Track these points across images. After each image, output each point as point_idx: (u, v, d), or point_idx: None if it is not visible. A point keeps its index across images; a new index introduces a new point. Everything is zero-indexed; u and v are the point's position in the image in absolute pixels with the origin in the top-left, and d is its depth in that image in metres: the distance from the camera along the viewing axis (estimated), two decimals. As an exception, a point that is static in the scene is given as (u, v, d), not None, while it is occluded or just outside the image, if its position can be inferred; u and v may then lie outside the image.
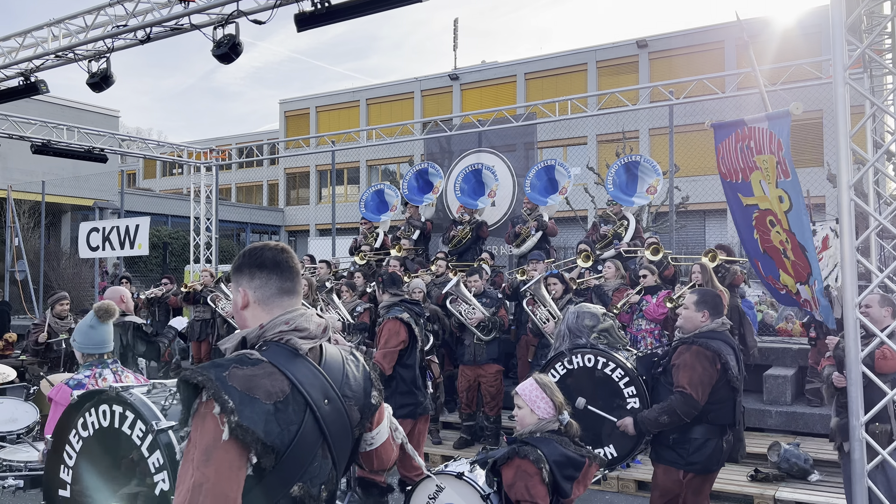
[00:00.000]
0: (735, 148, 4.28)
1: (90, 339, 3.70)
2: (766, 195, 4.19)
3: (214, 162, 14.34)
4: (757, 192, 4.23)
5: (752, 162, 4.10)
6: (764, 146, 3.96)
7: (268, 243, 2.10)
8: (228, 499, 1.72)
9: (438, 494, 3.28)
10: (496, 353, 7.41)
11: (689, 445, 3.88)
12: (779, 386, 7.65)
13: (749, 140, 4.10)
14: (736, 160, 4.30)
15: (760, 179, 4.11)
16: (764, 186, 4.10)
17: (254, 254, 2.05)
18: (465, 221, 10.23)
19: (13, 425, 4.52)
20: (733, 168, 4.38)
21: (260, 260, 2.02)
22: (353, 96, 34.05)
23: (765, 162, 3.98)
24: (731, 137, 4.32)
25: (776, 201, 4.04)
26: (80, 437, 2.34)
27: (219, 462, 1.73)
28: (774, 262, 4.48)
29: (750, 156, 4.11)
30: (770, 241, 4.36)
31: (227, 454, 1.73)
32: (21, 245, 16.31)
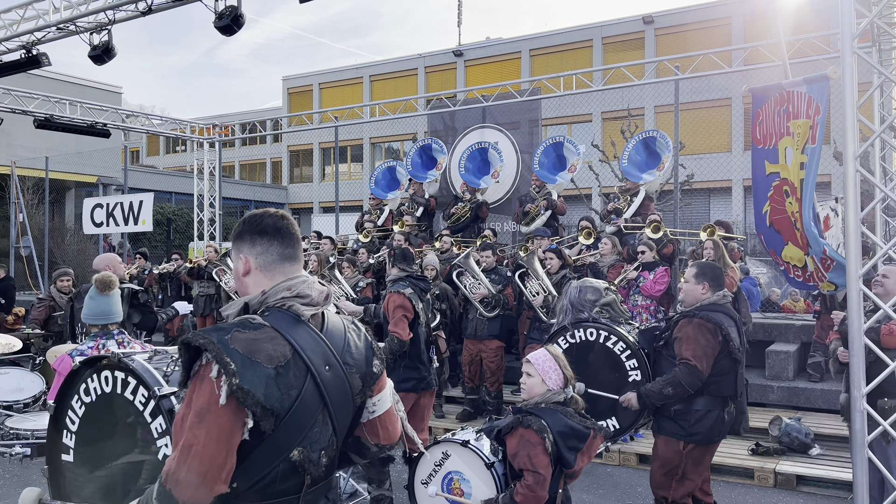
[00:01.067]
0: (773, 112, 4.24)
1: (91, 310, 3.73)
2: (787, 164, 4.16)
3: (218, 138, 14.29)
4: (781, 159, 4.20)
5: (786, 127, 4.07)
6: (801, 110, 3.92)
7: (267, 210, 2.09)
8: (216, 462, 1.74)
9: (444, 462, 3.31)
10: (497, 330, 7.43)
11: (691, 417, 3.90)
12: (781, 361, 7.67)
13: (787, 104, 4.07)
14: (773, 124, 4.27)
15: (787, 146, 4.08)
16: (788, 154, 4.08)
17: (254, 220, 2.04)
18: (466, 200, 10.20)
19: (19, 395, 4.57)
20: (768, 133, 4.34)
21: (261, 226, 2.02)
22: (356, 73, 33.83)
23: (799, 127, 3.94)
24: (769, 102, 4.28)
25: (796, 169, 4.01)
26: (83, 403, 2.35)
27: (210, 425, 1.74)
28: (781, 236, 4.46)
29: (785, 120, 4.07)
30: (784, 212, 4.33)
31: (219, 419, 1.75)
32: (26, 221, 16.33)
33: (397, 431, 2.27)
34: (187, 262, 10.75)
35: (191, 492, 1.72)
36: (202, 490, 1.73)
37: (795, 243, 4.35)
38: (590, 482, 5.95)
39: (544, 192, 9.73)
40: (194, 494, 1.72)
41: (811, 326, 8.15)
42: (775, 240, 4.48)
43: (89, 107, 12.25)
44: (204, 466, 1.72)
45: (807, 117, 3.96)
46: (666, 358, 4.09)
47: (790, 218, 4.29)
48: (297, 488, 1.91)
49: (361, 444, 2.18)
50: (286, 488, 1.88)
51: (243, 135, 15.09)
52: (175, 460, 1.73)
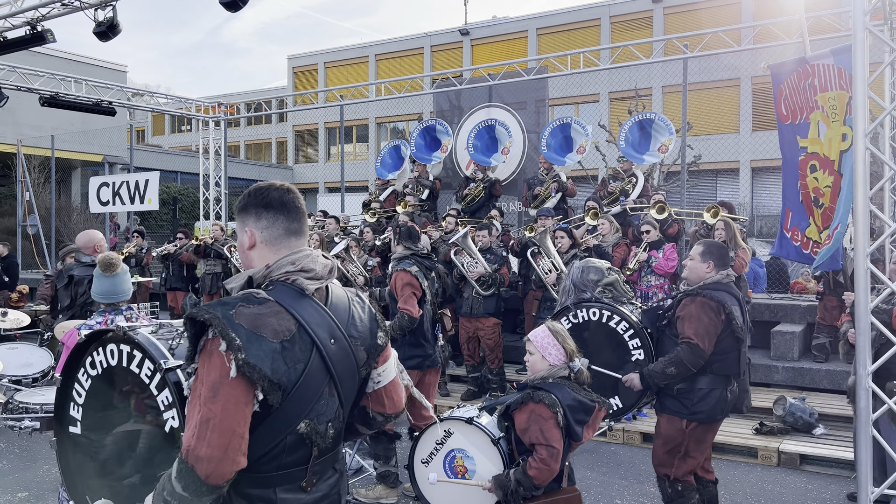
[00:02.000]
0: (798, 87, 4.19)
1: (98, 288, 3.76)
2: (819, 138, 4.12)
3: (223, 116, 14.25)
4: (812, 133, 4.16)
5: (815, 101, 4.02)
6: (831, 83, 3.86)
7: (273, 183, 2.08)
8: (235, 434, 1.75)
9: (447, 439, 3.31)
10: (493, 308, 7.47)
11: (694, 395, 3.90)
12: (786, 342, 7.67)
13: (812, 78, 4.01)
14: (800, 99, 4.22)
15: (819, 120, 4.04)
16: (821, 127, 4.03)
17: (259, 194, 2.03)
18: (479, 179, 10.16)
19: (28, 370, 4.61)
20: (797, 107, 4.29)
21: (266, 200, 2.01)
22: (361, 52, 33.63)
23: (830, 100, 3.89)
24: (793, 76, 4.23)
25: (836, 140, 3.95)
26: (89, 376, 2.36)
27: (225, 398, 1.75)
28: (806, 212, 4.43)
29: (812, 94, 4.02)
30: (806, 188, 4.30)
31: (233, 390, 1.76)
32: (32, 199, 16.38)
33: (402, 401, 2.29)
34: (193, 241, 10.77)
35: (213, 466, 1.72)
36: (224, 464, 1.74)
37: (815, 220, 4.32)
38: (594, 460, 5.99)
39: (553, 174, 9.68)
40: (217, 468, 1.73)
41: (816, 308, 8.13)
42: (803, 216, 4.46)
43: (95, 85, 12.22)
44: (224, 439, 1.73)
45: (840, 89, 3.89)
46: (669, 337, 4.09)
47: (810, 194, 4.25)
48: (305, 460, 1.93)
49: (367, 415, 2.21)
50: (294, 460, 1.90)
51: (248, 114, 15.04)
52: (194, 437, 1.74)
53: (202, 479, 1.73)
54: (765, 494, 5.21)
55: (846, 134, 3.88)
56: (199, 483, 1.73)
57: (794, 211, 4.53)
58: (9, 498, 5.09)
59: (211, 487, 1.75)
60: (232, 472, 1.77)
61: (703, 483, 4.14)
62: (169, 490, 1.78)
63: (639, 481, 5.49)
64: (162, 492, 1.81)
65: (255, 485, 1.87)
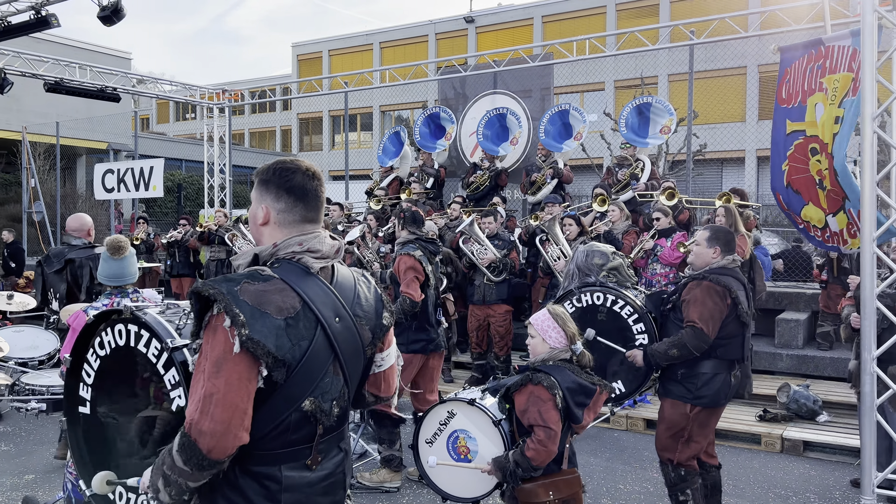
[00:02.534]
0: (804, 69, 4.16)
1: (105, 271, 3.78)
2: (816, 121, 4.09)
3: (227, 103, 14.23)
4: (809, 116, 4.13)
5: (819, 83, 3.99)
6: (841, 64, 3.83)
7: (300, 164, 2.04)
8: (238, 409, 1.76)
9: (450, 420, 3.33)
10: (505, 294, 7.47)
11: (698, 380, 3.91)
12: (791, 330, 7.66)
13: (824, 60, 3.99)
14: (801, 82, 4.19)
15: (818, 103, 4.01)
16: (819, 110, 4.01)
17: (284, 174, 2.00)
18: (485, 168, 10.14)
19: (34, 352, 4.64)
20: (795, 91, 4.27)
21: (290, 184, 1.99)
22: (366, 39, 33.51)
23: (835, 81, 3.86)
24: (802, 59, 4.20)
25: (829, 124, 3.93)
26: (98, 356, 2.38)
27: (229, 374, 1.76)
28: (801, 196, 4.41)
29: (819, 76, 3.99)
30: (806, 171, 4.27)
31: (236, 366, 1.77)
32: (37, 186, 16.41)
33: (396, 384, 2.32)
34: (197, 227, 10.79)
35: (216, 440, 1.74)
36: (226, 438, 1.75)
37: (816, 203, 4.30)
38: (597, 446, 6.00)
39: (550, 161, 9.65)
40: (219, 443, 1.74)
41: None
42: (793, 199, 4.44)
43: (99, 71, 12.21)
44: (227, 414, 1.74)
45: (849, 70, 3.87)
46: (673, 321, 4.08)
47: (813, 178, 4.23)
48: (310, 438, 1.94)
49: (360, 395, 2.22)
50: (299, 437, 1.91)
51: (253, 101, 15.01)
52: (198, 411, 1.75)
53: (204, 453, 1.74)
54: (768, 480, 5.22)
55: (838, 117, 3.87)
56: (201, 457, 1.74)
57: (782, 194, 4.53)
58: (15, 480, 5.14)
59: (212, 462, 1.76)
60: (234, 448, 1.78)
61: (707, 468, 4.15)
62: (169, 464, 1.79)
63: (642, 467, 5.51)
64: (161, 465, 1.82)
65: (261, 462, 1.88)
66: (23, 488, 4.95)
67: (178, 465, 1.77)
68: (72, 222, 5.62)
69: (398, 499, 4.90)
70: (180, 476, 1.78)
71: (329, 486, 2.00)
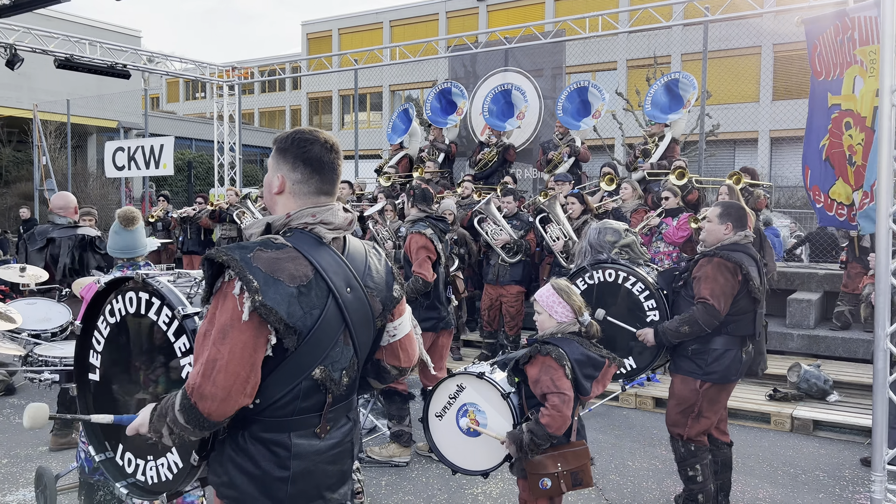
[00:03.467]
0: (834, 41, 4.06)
1: (116, 243, 3.78)
2: (853, 94, 4.01)
3: (237, 80, 14.18)
4: (846, 90, 4.05)
5: (853, 56, 3.90)
6: (871, 36, 3.74)
7: (319, 135, 2.03)
8: (240, 377, 1.78)
9: (459, 394, 3.34)
10: (519, 276, 7.44)
11: (708, 356, 3.89)
12: (802, 310, 7.62)
13: (852, 31, 3.89)
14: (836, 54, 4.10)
15: (856, 75, 3.92)
16: (857, 83, 3.92)
17: (303, 144, 1.99)
18: (493, 144, 10.08)
19: (47, 324, 4.67)
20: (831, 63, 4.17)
21: (307, 154, 1.99)
22: (376, 17, 33.29)
23: (871, 53, 3.77)
24: (829, 31, 4.10)
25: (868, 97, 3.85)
26: (108, 324, 2.38)
27: (234, 341, 1.78)
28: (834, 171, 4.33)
29: (851, 48, 3.90)
30: (840, 146, 4.20)
31: (242, 334, 1.78)
32: (49, 164, 16.48)
33: (416, 354, 2.31)
34: (209, 206, 10.82)
35: (215, 405, 1.76)
36: (226, 403, 1.77)
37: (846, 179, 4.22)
38: (606, 423, 6.01)
39: (567, 139, 9.58)
40: (219, 407, 1.77)
41: (834, 276, 8.06)
42: (827, 175, 4.36)
43: (109, 47, 12.18)
44: (229, 381, 1.76)
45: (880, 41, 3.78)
46: (684, 298, 4.06)
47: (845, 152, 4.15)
48: (319, 406, 1.95)
49: (381, 368, 2.22)
50: (308, 406, 1.93)
51: (263, 78, 14.94)
52: (200, 375, 1.77)
53: (204, 416, 1.78)
54: (777, 459, 5.22)
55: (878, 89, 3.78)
56: (200, 419, 1.78)
57: (813, 169, 4.45)
58: (29, 451, 5.21)
59: (212, 423, 1.80)
60: (234, 410, 1.81)
61: (718, 444, 4.15)
62: (172, 418, 1.83)
63: (650, 444, 5.51)
64: (164, 417, 1.85)
65: (270, 429, 1.90)
66: (36, 459, 5.01)
67: (181, 422, 1.81)
68: (56, 201, 5.63)
69: (407, 473, 4.93)
70: (182, 431, 1.83)
71: (337, 455, 2.02)
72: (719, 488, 4.15)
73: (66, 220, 5.56)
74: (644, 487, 4.70)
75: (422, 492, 4.60)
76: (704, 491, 3.98)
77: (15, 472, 4.81)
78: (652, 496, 4.56)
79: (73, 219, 5.65)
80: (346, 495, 2.09)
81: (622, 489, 4.67)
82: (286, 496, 1.91)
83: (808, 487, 4.71)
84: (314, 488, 1.96)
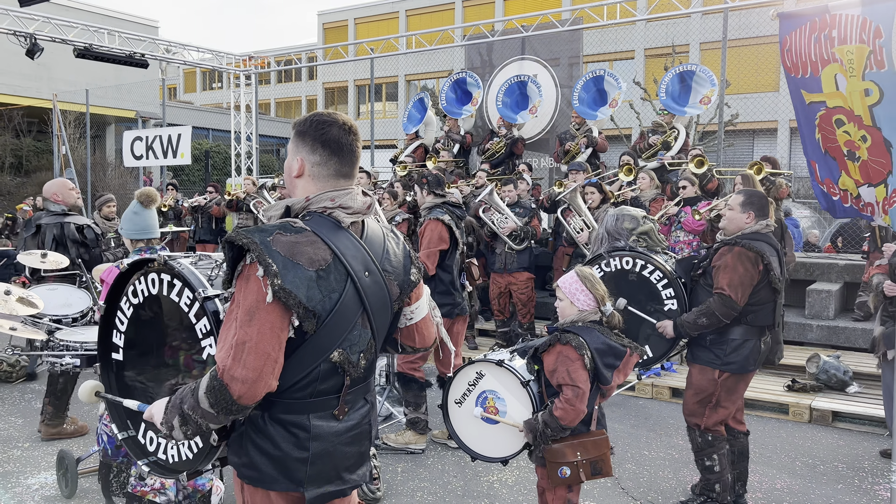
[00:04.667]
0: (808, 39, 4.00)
1: (135, 224, 3.79)
2: (839, 91, 3.94)
3: (254, 70, 14.22)
4: (827, 88, 3.97)
5: (831, 54, 3.83)
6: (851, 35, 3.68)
7: (337, 117, 2.02)
8: (269, 357, 1.79)
9: (478, 381, 3.33)
10: (527, 262, 7.46)
11: (727, 346, 3.86)
12: (822, 301, 7.54)
13: (830, 29, 3.82)
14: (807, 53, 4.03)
15: (836, 73, 3.86)
16: (840, 81, 3.85)
17: (321, 126, 1.99)
18: (502, 135, 10.03)
19: (68, 310, 4.72)
20: (801, 62, 4.11)
21: (325, 137, 1.98)
22: (392, 7, 33.23)
23: (849, 53, 3.71)
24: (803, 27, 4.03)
25: (858, 95, 3.78)
26: (131, 304, 2.41)
27: (261, 322, 1.78)
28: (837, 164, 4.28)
29: (828, 47, 3.83)
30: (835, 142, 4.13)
31: (269, 315, 1.79)
32: (68, 153, 16.64)
33: (433, 335, 2.33)
34: (225, 195, 10.88)
35: (247, 387, 1.77)
36: (257, 385, 1.78)
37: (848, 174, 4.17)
38: (622, 413, 6.00)
39: (584, 129, 9.51)
40: (250, 389, 1.77)
41: (854, 266, 7.97)
42: (832, 166, 4.31)
43: (127, 37, 12.25)
44: (259, 362, 1.77)
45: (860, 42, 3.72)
46: (703, 287, 4.03)
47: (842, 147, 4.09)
48: (338, 388, 1.97)
49: (397, 345, 2.26)
50: (327, 388, 1.94)
51: (279, 68, 14.96)
52: (230, 357, 1.77)
53: (234, 398, 1.77)
54: (795, 449, 5.18)
55: (869, 89, 3.72)
56: (230, 402, 1.77)
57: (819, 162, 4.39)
58: (52, 435, 5.28)
59: (240, 407, 1.79)
60: (262, 395, 1.81)
61: (735, 434, 4.12)
62: (191, 404, 1.81)
63: (667, 434, 5.49)
64: (180, 405, 1.84)
65: (289, 411, 1.92)
66: (58, 443, 5.08)
67: (203, 407, 1.79)
68: (48, 187, 5.62)
69: (423, 460, 4.95)
70: (202, 417, 1.80)
71: (355, 437, 2.04)
72: (736, 478, 4.13)
73: (58, 208, 5.54)
74: (660, 477, 4.69)
75: (437, 478, 4.62)
76: (721, 481, 3.96)
77: (37, 456, 4.89)
78: (668, 485, 4.55)
79: (65, 206, 5.61)
80: (364, 476, 2.11)
81: (638, 478, 4.66)
82: (305, 477, 1.93)
83: (826, 478, 4.68)
84: (333, 469, 1.98)
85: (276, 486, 1.93)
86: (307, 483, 1.93)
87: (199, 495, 3.41)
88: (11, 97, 21.37)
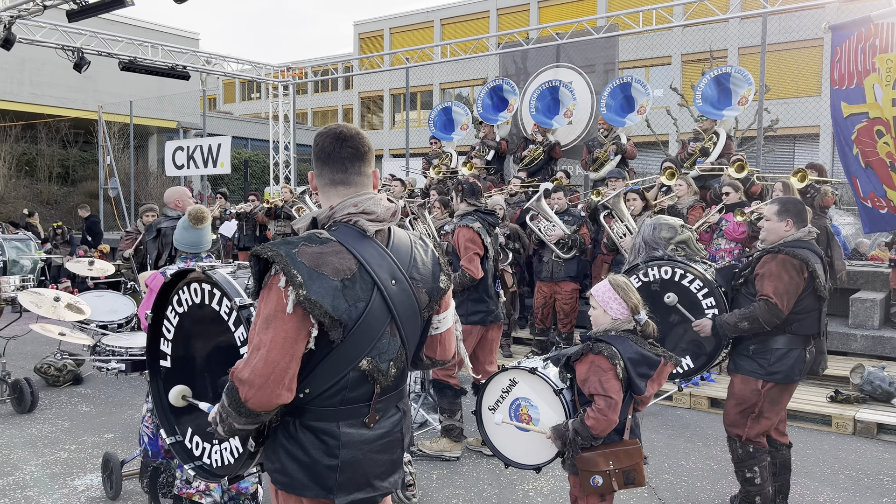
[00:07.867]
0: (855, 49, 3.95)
1: (184, 239, 3.92)
2: (877, 101, 3.88)
3: (291, 80, 14.45)
4: (869, 98, 3.92)
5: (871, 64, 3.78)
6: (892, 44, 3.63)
7: (330, 131, 2.08)
8: (278, 366, 1.82)
9: (512, 388, 3.33)
10: (574, 272, 7.39)
11: (771, 356, 3.79)
12: (866, 310, 7.35)
13: (874, 38, 3.77)
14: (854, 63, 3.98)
15: (875, 83, 3.80)
16: (877, 91, 3.79)
17: (317, 140, 2.10)
18: (538, 142, 10.01)
19: (114, 316, 4.87)
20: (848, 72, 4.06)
21: (317, 149, 2.08)
22: (426, 17, 33.42)
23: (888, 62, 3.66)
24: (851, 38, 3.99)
25: (888, 106, 3.73)
26: (176, 313, 2.48)
27: (276, 331, 1.82)
28: (878, 177, 4.20)
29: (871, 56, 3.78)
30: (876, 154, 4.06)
31: (285, 325, 1.82)
32: (113, 163, 17.11)
33: (453, 349, 2.33)
34: (264, 203, 11.08)
35: (252, 392, 1.81)
36: (264, 392, 1.81)
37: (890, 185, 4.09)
38: (659, 423, 5.92)
39: (613, 136, 9.44)
40: (256, 395, 1.81)
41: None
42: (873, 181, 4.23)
43: (170, 50, 12.57)
44: (267, 369, 1.81)
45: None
46: (745, 296, 3.96)
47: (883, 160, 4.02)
48: (368, 397, 1.99)
49: (417, 358, 2.25)
50: (357, 396, 1.97)
51: (316, 78, 15.17)
52: (244, 360, 1.85)
53: (242, 400, 1.83)
54: (839, 462, 5.05)
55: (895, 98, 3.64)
56: (239, 403, 1.83)
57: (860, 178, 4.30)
58: (96, 439, 5.43)
59: (249, 411, 1.84)
60: (272, 404, 1.84)
61: (777, 446, 4.04)
62: (222, 403, 1.91)
63: (705, 444, 5.41)
64: (221, 402, 1.93)
65: (320, 418, 1.95)
66: (103, 446, 5.22)
67: (226, 405, 1.88)
68: (169, 195, 5.90)
69: (458, 467, 4.95)
70: (228, 416, 1.88)
71: (386, 445, 2.05)
72: (778, 490, 4.05)
73: (175, 213, 5.79)
74: (698, 488, 4.62)
75: (472, 486, 4.62)
76: (762, 493, 3.88)
77: (83, 458, 5.02)
78: (706, 496, 4.48)
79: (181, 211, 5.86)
80: (395, 483, 2.11)
81: (675, 489, 4.59)
82: (335, 484, 1.95)
83: (870, 492, 4.55)
84: (363, 476, 2.00)
85: (307, 492, 1.96)
86: (337, 490, 1.96)
87: (243, 498, 3.48)
88: (59, 109, 22.07)
